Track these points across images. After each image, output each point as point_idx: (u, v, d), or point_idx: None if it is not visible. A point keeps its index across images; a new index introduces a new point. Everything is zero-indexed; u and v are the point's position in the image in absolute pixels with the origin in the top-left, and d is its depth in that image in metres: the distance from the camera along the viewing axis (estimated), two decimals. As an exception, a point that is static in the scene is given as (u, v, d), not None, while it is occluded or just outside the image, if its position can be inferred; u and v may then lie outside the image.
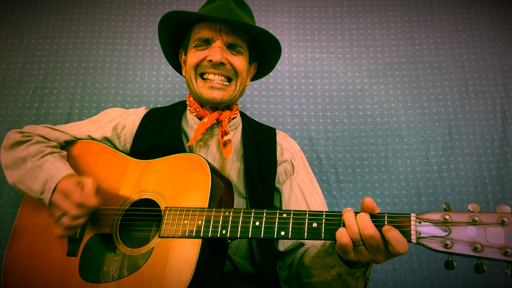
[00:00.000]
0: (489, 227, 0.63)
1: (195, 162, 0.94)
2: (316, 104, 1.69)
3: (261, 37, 1.11)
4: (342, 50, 1.76)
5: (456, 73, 1.73)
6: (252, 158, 1.11)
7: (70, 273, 0.92)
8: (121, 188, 1.00)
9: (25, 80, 1.66)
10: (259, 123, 1.26)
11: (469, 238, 0.63)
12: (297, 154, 1.17)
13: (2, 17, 1.75)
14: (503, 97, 1.68)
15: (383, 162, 1.62)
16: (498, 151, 1.62)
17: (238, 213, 0.82)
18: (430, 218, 0.67)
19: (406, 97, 1.70)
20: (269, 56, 1.19)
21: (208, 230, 0.82)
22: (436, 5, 1.82)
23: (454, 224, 0.65)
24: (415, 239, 0.67)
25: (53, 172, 0.98)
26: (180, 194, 0.91)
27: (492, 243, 0.62)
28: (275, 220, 0.78)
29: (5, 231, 1.48)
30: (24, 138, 1.09)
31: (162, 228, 0.87)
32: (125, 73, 1.70)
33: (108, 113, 1.22)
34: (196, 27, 1.10)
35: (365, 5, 1.83)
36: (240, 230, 0.80)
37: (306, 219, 0.76)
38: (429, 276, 1.49)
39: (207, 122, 1.07)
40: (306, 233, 0.75)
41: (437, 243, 0.65)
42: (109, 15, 1.77)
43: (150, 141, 1.11)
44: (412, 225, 0.68)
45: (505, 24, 1.78)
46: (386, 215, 0.71)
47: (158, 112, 1.21)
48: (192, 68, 1.07)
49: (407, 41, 1.78)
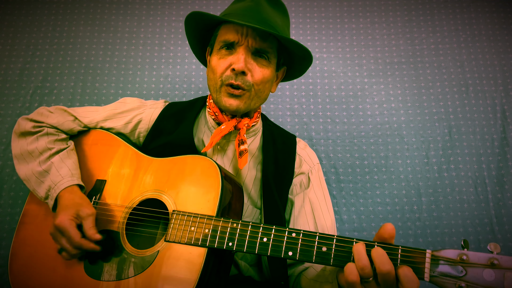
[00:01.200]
0: (508, 273, 0.60)
1: (207, 167, 0.92)
2: (316, 104, 1.69)
3: (291, 46, 1.04)
4: (342, 50, 1.76)
5: (456, 73, 1.73)
6: (270, 167, 1.07)
7: (75, 267, 0.92)
8: (131, 185, 0.99)
9: (25, 80, 1.66)
10: (279, 129, 1.22)
11: (485, 283, 0.60)
12: (315, 167, 1.14)
13: (2, 17, 1.75)
14: (503, 97, 1.68)
15: (383, 162, 1.62)
16: (498, 151, 1.62)
17: (246, 226, 0.80)
18: (446, 257, 0.64)
19: (406, 97, 1.70)
20: (299, 63, 1.12)
21: (215, 240, 0.80)
22: (436, 5, 1.82)
23: (471, 266, 0.62)
24: (428, 278, 0.64)
25: (56, 179, 0.98)
26: (188, 197, 0.90)
27: None
28: (283, 239, 0.75)
29: (5, 231, 1.48)
30: (34, 129, 1.08)
31: (168, 232, 0.86)
32: (125, 73, 1.70)
33: (126, 102, 1.18)
34: (223, 28, 1.03)
35: (365, 5, 1.83)
36: (247, 244, 0.78)
37: (315, 241, 0.73)
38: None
39: (224, 130, 1.02)
40: (314, 256, 0.72)
41: (451, 284, 0.62)
42: (109, 15, 1.77)
43: (164, 138, 1.09)
44: (426, 263, 0.65)
45: (505, 24, 1.78)
46: (400, 249, 0.67)
47: (176, 108, 1.16)
48: (217, 75, 1.01)
49: (407, 41, 1.77)
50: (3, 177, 1.52)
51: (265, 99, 1.08)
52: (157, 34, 1.75)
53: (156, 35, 1.75)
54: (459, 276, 0.62)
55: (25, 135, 1.08)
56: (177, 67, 1.71)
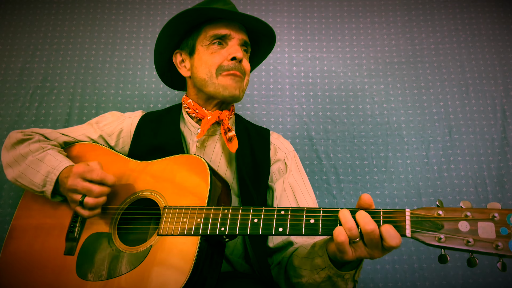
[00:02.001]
0: (480, 222, 0.65)
1: (195, 163, 0.95)
2: (316, 104, 1.69)
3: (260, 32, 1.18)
4: (342, 50, 1.76)
5: (456, 73, 1.73)
6: (245, 157, 1.12)
7: (67, 272, 0.92)
8: (120, 187, 1.00)
9: (25, 80, 1.66)
10: (252, 124, 1.28)
11: (461, 233, 0.66)
12: (290, 153, 1.19)
13: (2, 17, 1.75)
14: (503, 97, 1.68)
15: (383, 162, 1.62)
16: (498, 151, 1.62)
17: (236, 210, 0.83)
18: (424, 214, 0.70)
19: (406, 97, 1.70)
20: (264, 50, 1.28)
21: (207, 227, 0.82)
22: (436, 5, 1.82)
23: (447, 220, 0.67)
24: (409, 234, 0.69)
25: (54, 164, 0.99)
26: (179, 193, 0.92)
27: (483, 238, 0.64)
28: (273, 217, 0.79)
29: (5, 231, 1.47)
30: (25, 136, 1.10)
31: (161, 226, 0.87)
32: (125, 73, 1.70)
33: (106, 117, 1.24)
34: (210, 26, 1.12)
35: (365, 5, 1.83)
36: (239, 227, 0.80)
37: (303, 215, 0.77)
38: (429, 276, 1.48)
39: (211, 119, 1.10)
40: (304, 229, 0.76)
41: (430, 238, 0.67)
42: (109, 15, 1.77)
43: (148, 143, 1.12)
44: (407, 220, 0.70)
45: (505, 24, 1.78)
46: (381, 211, 0.73)
47: (154, 115, 1.23)
48: (213, 67, 1.08)
49: (407, 41, 1.77)
50: (3, 177, 1.52)
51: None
52: (157, 34, 1.74)
53: (156, 35, 1.74)
54: (437, 230, 0.67)
55: (15, 145, 1.09)
56: (177, 67, 1.71)
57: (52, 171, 0.98)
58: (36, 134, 1.12)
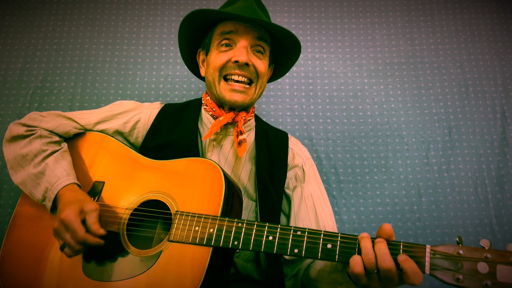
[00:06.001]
0: (499, 266, 0.64)
1: (210, 169, 0.92)
2: (316, 104, 1.69)
3: (284, 39, 1.11)
4: (342, 50, 1.76)
5: (456, 73, 1.73)
6: (264, 160, 1.10)
7: (73, 269, 0.91)
8: (131, 186, 0.98)
9: (25, 80, 1.66)
10: (272, 127, 1.26)
11: (480, 275, 0.65)
12: (308, 161, 1.17)
13: (2, 17, 1.75)
14: (503, 97, 1.68)
15: (383, 162, 1.62)
16: (498, 151, 1.62)
17: (251, 225, 0.81)
18: (444, 251, 0.69)
19: (406, 97, 1.70)
20: (288, 58, 1.20)
21: (220, 239, 0.81)
22: (436, 5, 1.82)
23: (466, 259, 0.67)
24: (428, 271, 0.68)
25: (52, 181, 0.97)
26: (191, 199, 0.90)
27: (501, 281, 0.63)
28: (289, 237, 0.78)
29: (5, 231, 1.47)
30: (27, 132, 1.08)
31: (172, 232, 0.85)
32: (125, 73, 1.70)
33: (122, 104, 1.20)
34: (220, 26, 1.09)
35: (365, 5, 1.83)
36: (253, 243, 0.79)
37: (321, 239, 0.76)
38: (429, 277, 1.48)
39: (223, 120, 1.07)
40: (320, 253, 0.75)
41: (449, 276, 0.67)
42: (109, 15, 1.77)
43: (164, 137, 1.10)
44: (426, 257, 0.69)
45: (505, 24, 1.78)
46: (401, 244, 0.72)
47: (173, 108, 1.19)
48: (216, 70, 1.07)
49: (407, 41, 1.77)
50: (3, 177, 1.52)
51: (262, 94, 1.16)
52: (157, 34, 1.75)
53: (156, 35, 1.75)
54: (456, 269, 0.67)
55: (17, 139, 1.07)
56: (177, 67, 1.71)
57: (50, 189, 0.96)
58: (38, 129, 1.08)
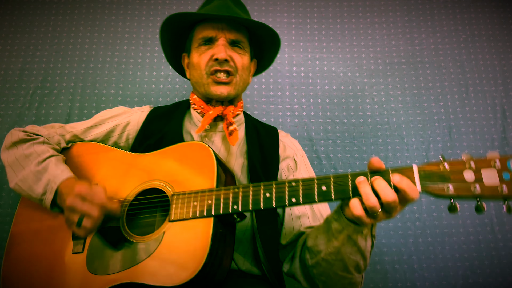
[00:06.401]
0: (484, 170, 0.69)
1: (199, 148, 0.95)
2: (316, 104, 1.69)
3: (261, 32, 1.17)
4: (342, 50, 1.76)
5: (456, 73, 1.73)
6: (256, 154, 1.12)
7: (77, 270, 0.91)
8: (125, 181, 0.99)
9: (25, 80, 1.66)
10: (261, 122, 1.28)
11: (467, 182, 0.69)
12: (299, 151, 1.19)
13: (2, 17, 1.75)
14: (503, 97, 1.68)
15: (383, 162, 1.62)
16: (498, 151, 1.61)
17: (247, 187, 0.83)
18: (431, 168, 0.73)
19: (406, 97, 1.70)
20: (269, 50, 1.25)
21: (219, 207, 0.83)
22: (436, 5, 1.82)
23: (452, 171, 0.71)
24: (420, 188, 0.71)
25: (56, 173, 0.98)
26: (186, 179, 0.91)
27: (488, 184, 0.68)
28: (285, 189, 0.80)
29: (5, 231, 1.48)
30: (28, 136, 1.09)
31: (171, 212, 0.87)
32: (125, 73, 1.70)
33: (111, 110, 1.23)
34: (199, 28, 1.14)
35: (365, 5, 1.83)
36: (252, 202, 0.81)
37: (315, 184, 0.78)
38: (429, 276, 1.49)
39: (213, 114, 1.10)
40: (316, 196, 0.77)
41: (439, 189, 0.70)
42: (109, 15, 1.77)
43: (153, 138, 1.12)
44: (415, 175, 0.73)
45: (505, 24, 1.78)
46: (390, 170, 0.75)
47: (162, 110, 1.22)
48: (200, 69, 1.11)
49: (407, 41, 1.77)
50: (3, 177, 1.52)
51: (245, 88, 1.19)
52: (157, 34, 1.74)
53: (156, 35, 1.75)
54: (445, 181, 0.71)
55: (17, 144, 1.08)
56: (177, 67, 1.71)
57: (53, 180, 0.97)
58: (41, 136, 1.11)
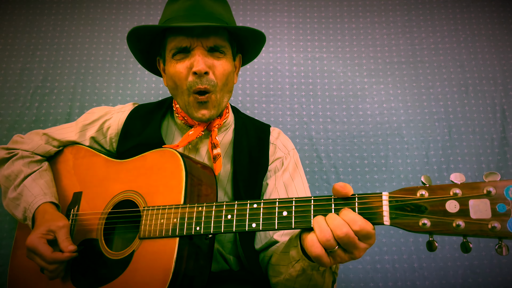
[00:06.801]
0: (472, 201, 0.54)
1: (167, 156, 0.91)
2: (316, 104, 1.69)
3: (244, 33, 1.04)
4: (342, 50, 1.76)
5: (456, 73, 1.73)
6: (243, 159, 1.07)
7: (64, 281, 0.93)
8: (104, 191, 0.98)
9: (25, 80, 1.66)
10: (253, 120, 1.20)
11: (449, 215, 0.55)
12: (289, 152, 1.13)
13: (2, 17, 1.75)
14: (503, 97, 1.68)
15: (383, 161, 1.62)
16: (498, 151, 1.62)
17: (210, 207, 0.79)
18: (404, 196, 0.60)
19: (406, 97, 1.71)
20: (253, 46, 1.10)
21: (183, 227, 0.79)
22: (436, 5, 1.82)
23: (431, 201, 0.57)
24: (388, 221, 0.60)
25: (29, 200, 1.00)
26: (156, 192, 0.88)
27: (475, 219, 0.54)
28: (246, 212, 0.74)
29: (5, 231, 1.48)
30: (8, 155, 1.11)
31: (141, 228, 0.85)
32: (125, 73, 1.70)
33: (94, 112, 1.18)
34: (170, 36, 0.98)
35: (365, 5, 1.83)
36: (213, 225, 0.77)
37: (276, 207, 0.71)
38: (429, 276, 1.49)
39: (192, 135, 1.01)
40: (276, 223, 0.70)
41: (413, 223, 0.58)
42: (109, 15, 1.77)
43: (134, 140, 1.09)
44: (384, 206, 0.61)
45: (505, 24, 1.78)
46: (356, 197, 0.65)
47: (144, 109, 1.15)
48: (178, 80, 0.98)
49: (407, 41, 1.77)
50: (3, 177, 1.52)
51: (230, 93, 1.06)
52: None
53: (156, 35, 1.75)
54: (420, 213, 0.57)
55: (1, 163, 1.11)
56: (177, 67, 1.71)
57: (28, 208, 0.99)
58: (19, 151, 1.11)
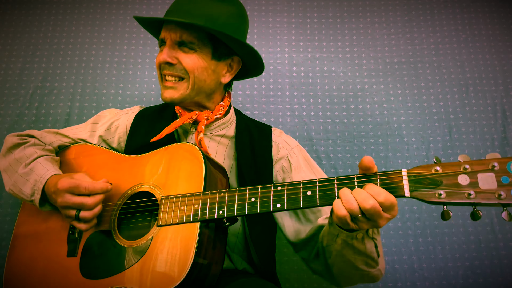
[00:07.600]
0: (480, 174, 0.64)
1: (187, 150, 0.95)
2: (316, 104, 1.69)
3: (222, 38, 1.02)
4: (342, 50, 1.76)
5: (456, 73, 1.73)
6: (245, 156, 1.09)
7: (72, 273, 0.92)
8: (117, 184, 1.00)
9: (25, 80, 1.66)
10: (255, 121, 1.25)
11: (461, 187, 0.64)
12: (293, 150, 1.13)
13: (2, 17, 1.75)
14: (503, 97, 1.68)
15: (383, 162, 1.62)
16: (498, 151, 1.62)
17: (233, 192, 0.83)
18: (421, 172, 0.69)
19: (406, 97, 1.70)
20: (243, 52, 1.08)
21: (206, 212, 0.82)
22: (436, 5, 1.82)
23: (445, 175, 0.66)
24: (408, 193, 0.68)
25: (41, 173, 0.99)
26: (175, 182, 0.91)
27: (484, 189, 0.63)
28: (270, 194, 0.79)
29: (5, 231, 1.48)
30: (21, 140, 1.11)
31: (159, 217, 0.87)
32: (125, 73, 1.70)
33: (104, 114, 1.24)
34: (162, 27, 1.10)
35: (365, 5, 1.83)
36: (237, 208, 0.80)
37: (300, 188, 0.77)
38: (429, 276, 1.49)
39: (178, 122, 1.07)
40: (301, 201, 0.76)
41: (430, 195, 0.66)
42: (109, 15, 1.77)
43: (143, 139, 1.12)
44: (404, 180, 0.69)
45: (505, 24, 1.78)
46: (378, 174, 0.73)
47: (151, 110, 1.22)
48: (156, 69, 1.09)
49: (407, 41, 1.77)
50: (3, 177, 1.52)
51: (211, 89, 1.07)
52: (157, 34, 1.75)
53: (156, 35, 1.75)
54: (436, 186, 0.66)
55: (12, 149, 1.10)
56: (177, 67, 1.71)
57: (39, 180, 0.98)
58: (32, 138, 1.13)
